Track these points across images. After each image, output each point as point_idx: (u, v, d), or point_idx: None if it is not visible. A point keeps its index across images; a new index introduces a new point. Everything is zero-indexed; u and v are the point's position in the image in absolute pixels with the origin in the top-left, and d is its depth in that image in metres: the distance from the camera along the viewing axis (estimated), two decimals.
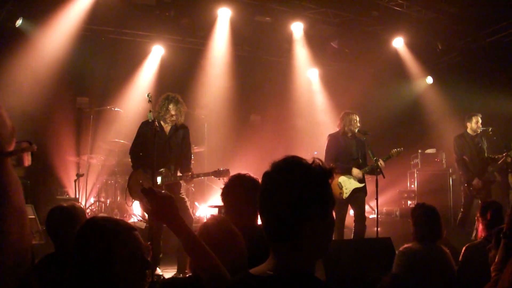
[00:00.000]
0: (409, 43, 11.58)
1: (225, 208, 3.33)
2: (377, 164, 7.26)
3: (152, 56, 11.06)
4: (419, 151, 11.60)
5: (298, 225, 1.66)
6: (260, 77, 12.22)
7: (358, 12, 10.47)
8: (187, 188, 8.76)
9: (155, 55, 11.07)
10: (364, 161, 7.70)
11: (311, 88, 13.03)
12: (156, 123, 6.25)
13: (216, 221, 2.69)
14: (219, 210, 5.61)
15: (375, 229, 7.34)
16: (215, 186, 9.96)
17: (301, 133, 12.49)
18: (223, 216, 3.19)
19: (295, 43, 11.42)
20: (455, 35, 11.16)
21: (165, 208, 2.23)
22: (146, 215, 8.23)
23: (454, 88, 11.35)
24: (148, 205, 2.26)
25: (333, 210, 5.55)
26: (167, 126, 6.70)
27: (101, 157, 9.66)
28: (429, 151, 11.65)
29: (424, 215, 4.23)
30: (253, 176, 3.32)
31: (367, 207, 9.45)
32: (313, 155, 10.66)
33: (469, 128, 8.88)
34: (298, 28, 10.99)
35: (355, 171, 7.46)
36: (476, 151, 8.80)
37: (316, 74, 12.98)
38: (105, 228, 2.00)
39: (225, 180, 3.48)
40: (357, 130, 7.62)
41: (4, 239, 0.73)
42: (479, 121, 8.82)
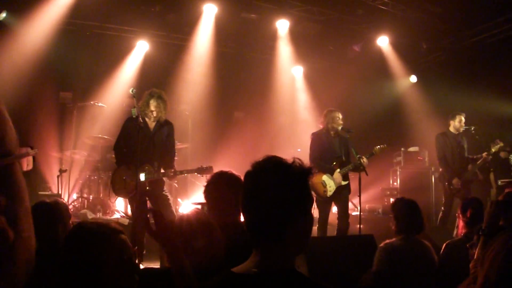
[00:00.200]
0: (394, 42, 11.65)
1: (208, 206, 3.33)
2: (360, 162, 7.29)
3: (136, 52, 11.01)
4: (402, 149, 11.67)
5: (281, 223, 1.69)
6: (245, 74, 12.23)
7: (343, 10, 10.50)
8: (170, 184, 8.74)
9: (139, 50, 11.02)
10: (347, 158, 7.71)
11: (295, 86, 13.06)
12: (140, 119, 6.21)
13: (192, 214, 2.71)
14: (202, 207, 5.61)
15: (358, 226, 7.39)
16: (198, 183, 9.96)
17: (284, 130, 12.52)
18: (201, 210, 3.19)
19: (280, 40, 11.43)
20: (439, 34, 11.26)
21: (167, 233, 2.28)
22: (129, 212, 8.21)
23: (437, 87, 11.44)
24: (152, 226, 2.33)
25: (318, 208, 5.59)
26: (152, 122, 6.65)
27: (84, 153, 9.59)
28: (412, 149, 11.74)
29: (404, 208, 4.26)
30: (236, 173, 3.33)
31: (350, 204, 9.50)
32: (296, 152, 10.74)
33: (451, 127, 8.93)
34: (283, 26, 11.01)
35: (336, 175, 7.46)
36: (457, 150, 8.87)
37: (301, 72, 13.02)
38: (94, 232, 2.01)
39: (208, 177, 3.47)
40: (341, 128, 7.64)
41: (19, 237, 0.76)
42: (463, 120, 8.88)
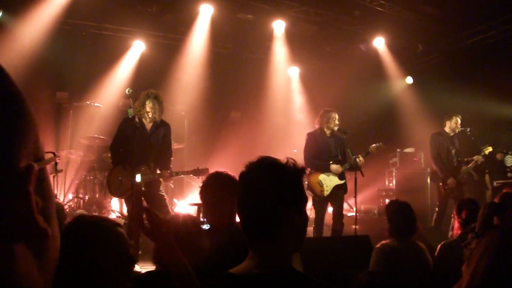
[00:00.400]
0: (390, 43, 11.67)
1: (204, 207, 3.33)
2: (356, 162, 7.30)
3: (133, 52, 11.01)
4: (398, 150, 11.69)
5: (276, 222, 1.71)
6: (241, 75, 12.22)
7: (339, 12, 10.51)
8: (166, 184, 8.74)
9: (135, 50, 11.01)
10: (343, 158, 7.72)
11: (291, 86, 13.08)
12: (136, 119, 6.20)
13: (184, 216, 2.72)
14: (198, 208, 5.61)
15: (354, 226, 7.40)
16: (194, 183, 9.96)
17: (281, 131, 12.53)
18: (189, 215, 3.18)
19: (276, 41, 11.44)
20: (435, 36, 11.27)
21: (161, 230, 2.26)
22: (125, 212, 8.19)
23: (433, 88, 11.46)
24: (146, 224, 2.31)
25: (314, 208, 5.60)
26: (149, 123, 6.64)
27: (80, 153, 9.58)
28: (407, 150, 11.76)
29: (398, 211, 4.29)
30: (231, 174, 3.33)
31: (346, 205, 9.51)
32: (292, 153, 10.75)
33: (447, 127, 8.93)
34: (279, 26, 11.02)
35: (334, 167, 7.48)
36: (452, 151, 8.89)
37: (297, 72, 13.04)
38: (95, 223, 2.03)
39: (204, 178, 3.46)
40: (337, 129, 7.65)
41: (51, 237, 0.79)
42: (459, 121, 8.90)
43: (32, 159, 0.76)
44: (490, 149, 8.70)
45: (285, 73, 12.73)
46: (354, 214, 7.71)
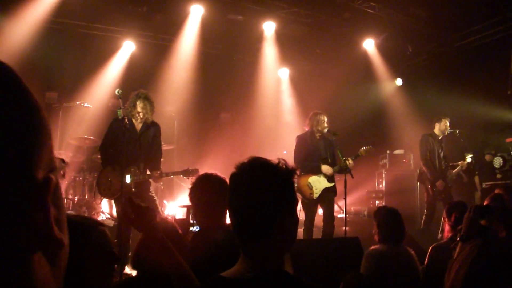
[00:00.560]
0: (380, 45, 11.71)
1: (193, 209, 3.32)
2: (345, 165, 7.31)
3: (123, 52, 10.96)
4: (388, 151, 11.74)
5: (267, 223, 1.69)
6: (231, 76, 12.20)
7: (330, 13, 10.53)
8: (156, 186, 8.70)
9: (125, 50, 10.97)
10: (333, 161, 7.73)
11: (281, 88, 13.09)
12: (126, 120, 6.17)
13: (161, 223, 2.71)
14: (188, 209, 5.60)
15: (344, 228, 7.41)
16: (184, 185, 9.92)
17: (270, 132, 12.53)
18: (169, 219, 3.16)
19: (266, 42, 11.44)
20: (425, 38, 11.33)
21: (144, 219, 2.28)
22: (114, 213, 8.15)
23: (423, 90, 11.51)
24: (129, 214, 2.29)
25: (303, 210, 5.60)
26: (139, 123, 6.62)
27: (69, 154, 9.51)
28: (397, 151, 11.81)
29: (386, 217, 4.31)
30: (221, 175, 3.32)
31: (336, 206, 9.52)
32: (282, 154, 10.74)
33: (437, 129, 8.97)
34: (270, 28, 11.02)
35: (324, 168, 7.48)
36: (441, 153, 8.93)
37: (287, 74, 13.05)
38: (75, 223, 2.01)
39: (193, 179, 3.45)
40: (326, 131, 7.66)
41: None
42: (448, 124, 8.94)
43: (48, 169, 0.77)
44: (470, 155, 8.77)
45: (275, 74, 12.73)
46: (344, 215, 7.72)
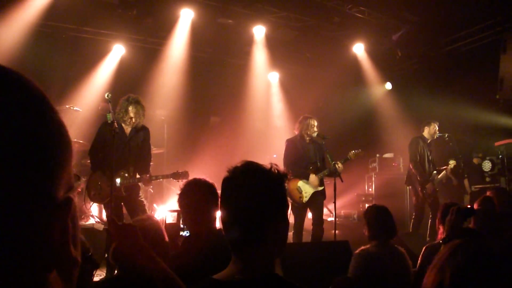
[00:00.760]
0: (369, 50, 11.75)
1: (182, 214, 3.31)
2: (335, 168, 7.33)
3: (112, 55, 10.92)
4: (377, 155, 11.79)
5: (261, 228, 1.70)
6: (221, 79, 12.19)
7: (319, 17, 10.55)
8: (145, 189, 8.68)
9: (115, 54, 10.93)
10: (322, 164, 7.74)
11: (271, 91, 13.10)
12: (116, 124, 6.15)
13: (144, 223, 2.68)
14: (178, 214, 5.59)
15: (333, 231, 7.42)
16: (173, 188, 9.89)
17: (260, 136, 12.53)
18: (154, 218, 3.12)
19: (256, 46, 11.45)
20: (414, 43, 11.38)
21: (123, 235, 2.19)
22: (104, 217, 8.12)
23: (412, 94, 11.55)
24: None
25: (293, 214, 5.59)
26: (128, 127, 6.61)
27: None
28: (387, 155, 11.86)
29: (376, 215, 4.32)
30: (209, 180, 3.33)
31: (326, 210, 9.53)
32: (272, 158, 10.75)
33: (426, 133, 9.01)
34: (259, 32, 11.03)
35: (312, 178, 7.50)
36: (429, 157, 8.98)
37: (277, 78, 13.05)
38: None
39: (183, 181, 3.44)
40: (316, 134, 7.67)
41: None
42: (437, 128, 9.00)
43: (67, 187, 0.77)
44: (454, 162, 8.84)
45: (265, 78, 12.74)
46: (333, 219, 7.73)
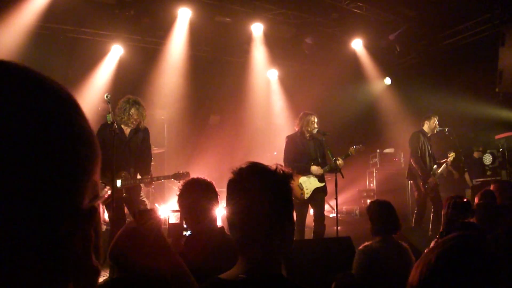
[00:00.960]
0: (368, 45, 11.74)
1: (183, 214, 3.30)
2: (336, 164, 7.32)
3: (111, 56, 10.92)
4: (378, 150, 11.79)
5: (269, 229, 1.69)
6: (220, 78, 12.19)
7: (317, 14, 10.56)
8: (147, 190, 8.67)
9: (114, 54, 10.93)
10: (323, 161, 7.73)
11: (270, 89, 13.10)
12: (115, 125, 6.14)
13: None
14: (181, 214, 5.59)
15: (335, 228, 7.42)
16: (175, 188, 9.88)
17: (260, 133, 12.53)
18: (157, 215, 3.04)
19: (254, 44, 11.44)
20: (413, 37, 11.37)
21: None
22: (106, 218, 8.11)
23: (411, 89, 11.55)
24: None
25: (295, 211, 5.60)
26: (127, 128, 6.59)
27: None
28: (387, 150, 11.86)
29: (379, 210, 4.32)
30: (208, 179, 3.33)
31: (327, 206, 9.53)
32: (272, 155, 10.73)
33: (426, 127, 8.96)
34: (258, 29, 11.02)
35: (314, 168, 7.49)
36: (430, 151, 8.96)
37: (276, 75, 13.05)
38: None
39: (180, 185, 3.43)
40: (316, 131, 7.66)
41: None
42: (437, 122, 8.98)
43: (92, 195, 0.75)
44: (453, 155, 8.82)
45: (264, 75, 12.74)
46: (335, 215, 7.72)
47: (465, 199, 3.73)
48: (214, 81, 12.23)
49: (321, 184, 7.55)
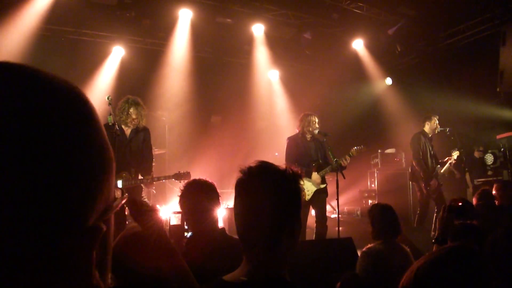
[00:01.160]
0: (369, 45, 11.74)
1: (185, 215, 3.30)
2: (337, 165, 7.30)
3: (112, 57, 10.92)
4: (379, 151, 11.77)
5: (278, 231, 1.66)
6: (221, 78, 12.18)
7: (318, 14, 10.55)
8: (148, 190, 8.68)
9: (115, 56, 10.94)
10: (324, 162, 7.72)
11: (271, 89, 13.10)
12: (117, 126, 6.16)
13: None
14: (183, 215, 5.59)
15: (337, 228, 7.40)
16: (176, 189, 9.89)
17: (261, 134, 12.52)
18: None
19: (256, 45, 11.45)
20: (413, 37, 11.36)
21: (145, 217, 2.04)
22: None
23: (412, 89, 11.53)
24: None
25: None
26: (128, 129, 6.62)
27: None
28: (388, 151, 11.84)
29: (380, 213, 4.30)
30: (209, 180, 3.32)
31: (329, 207, 9.51)
32: (274, 156, 10.72)
33: (427, 127, 8.93)
34: (259, 30, 11.03)
35: (314, 176, 7.48)
36: (431, 152, 8.95)
37: (277, 75, 13.05)
38: None
39: (182, 185, 3.42)
40: (317, 132, 7.64)
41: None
42: (437, 122, 8.97)
43: (104, 208, 0.72)
44: (457, 153, 8.80)
45: (265, 76, 12.74)
46: (337, 215, 7.71)
47: (460, 203, 3.69)
48: (215, 82, 12.23)
49: (322, 186, 7.54)
